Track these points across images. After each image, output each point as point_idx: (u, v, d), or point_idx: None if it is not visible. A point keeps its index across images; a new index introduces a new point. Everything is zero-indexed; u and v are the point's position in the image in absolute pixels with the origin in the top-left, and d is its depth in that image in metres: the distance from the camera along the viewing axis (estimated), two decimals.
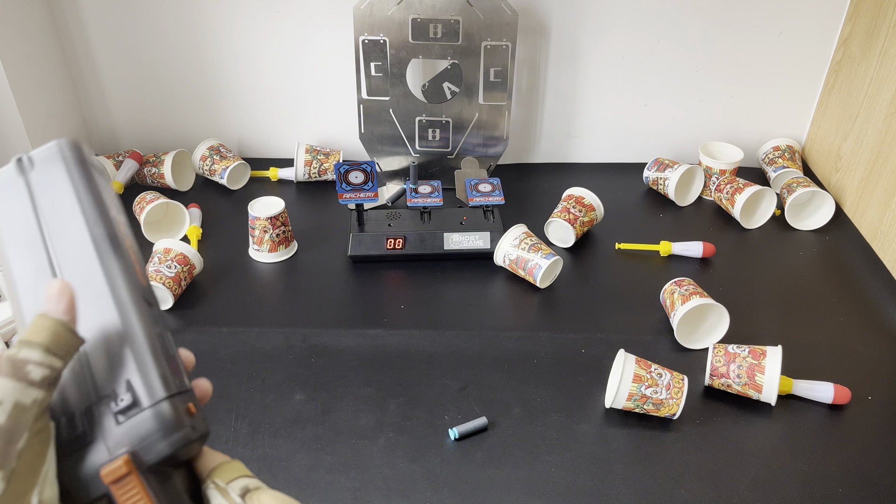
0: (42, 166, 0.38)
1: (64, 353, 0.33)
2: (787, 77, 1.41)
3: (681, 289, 1.04)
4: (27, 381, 0.32)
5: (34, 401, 0.32)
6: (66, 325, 0.34)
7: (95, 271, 0.36)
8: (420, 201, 1.19)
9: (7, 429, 0.31)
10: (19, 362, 0.32)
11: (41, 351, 0.33)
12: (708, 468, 0.85)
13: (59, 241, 0.37)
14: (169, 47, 1.38)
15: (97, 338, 0.35)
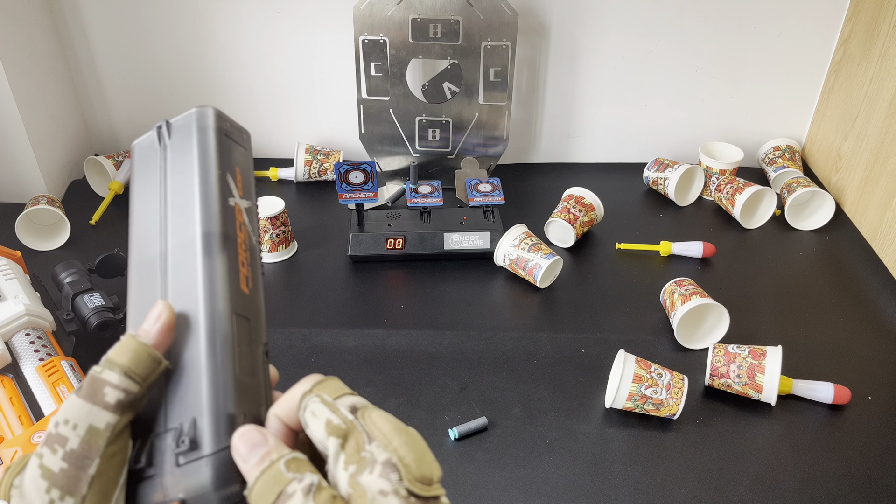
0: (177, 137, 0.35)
1: (142, 378, 0.33)
2: (787, 77, 1.41)
3: (681, 289, 1.04)
4: (102, 405, 0.32)
5: (107, 425, 0.32)
6: (150, 350, 0.33)
7: (193, 274, 0.33)
8: (420, 201, 1.19)
9: (79, 455, 0.31)
10: (98, 383, 0.32)
11: (119, 374, 0.32)
12: (708, 468, 0.85)
13: (178, 231, 0.33)
14: (169, 47, 1.38)
15: (181, 354, 0.33)
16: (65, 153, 1.40)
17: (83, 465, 0.31)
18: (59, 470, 0.31)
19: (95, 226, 1.28)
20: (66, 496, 0.31)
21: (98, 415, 0.32)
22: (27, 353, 0.87)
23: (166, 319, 0.33)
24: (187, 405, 0.32)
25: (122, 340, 0.33)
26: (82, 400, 0.32)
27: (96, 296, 0.98)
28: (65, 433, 0.32)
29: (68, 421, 0.32)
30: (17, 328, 0.90)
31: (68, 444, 0.31)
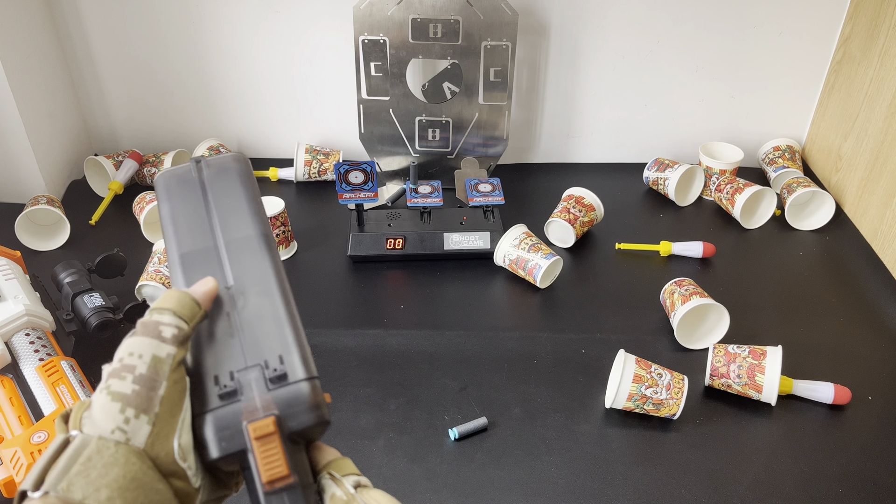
0: (217, 170, 0.45)
1: (189, 317, 0.38)
2: (787, 77, 1.41)
3: (681, 289, 1.04)
4: (161, 338, 0.37)
5: (168, 354, 0.36)
6: (191, 295, 0.39)
7: (262, 260, 0.42)
8: (420, 201, 1.19)
9: (148, 378, 0.36)
10: (152, 324, 0.37)
11: (170, 314, 0.37)
12: (708, 468, 0.85)
13: (230, 231, 0.42)
14: (169, 47, 1.38)
15: (254, 312, 0.40)
16: (65, 153, 1.40)
17: (153, 386, 0.36)
18: (131, 392, 0.35)
19: (95, 226, 1.28)
20: (140, 413, 0.35)
21: (159, 346, 0.36)
22: (27, 353, 0.87)
23: (212, 287, 0.40)
24: (268, 347, 0.38)
25: (165, 294, 0.39)
26: (142, 336, 0.37)
27: (96, 296, 0.98)
28: (132, 362, 0.36)
29: (133, 353, 0.36)
30: (16, 328, 0.90)
31: (137, 370, 0.36)
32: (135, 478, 0.34)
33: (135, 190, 1.36)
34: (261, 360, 0.38)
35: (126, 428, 0.35)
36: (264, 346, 0.39)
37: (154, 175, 1.37)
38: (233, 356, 0.39)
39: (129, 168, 1.36)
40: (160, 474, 0.35)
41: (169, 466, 0.36)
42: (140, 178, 1.39)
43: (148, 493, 0.34)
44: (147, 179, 1.38)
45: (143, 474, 0.34)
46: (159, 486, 0.35)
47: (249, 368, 0.38)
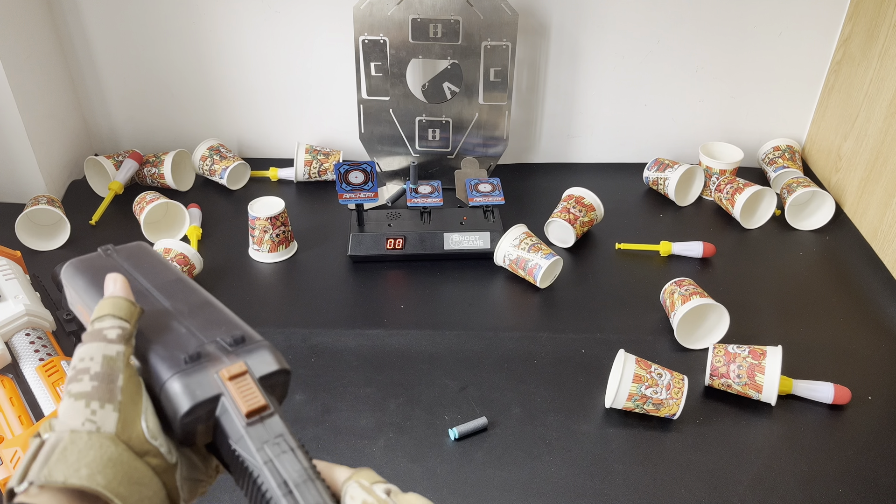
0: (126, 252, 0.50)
1: (127, 315, 0.40)
2: (787, 77, 1.41)
3: (681, 289, 1.04)
4: (107, 340, 0.39)
5: (118, 352, 0.39)
6: (122, 297, 0.41)
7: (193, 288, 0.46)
8: (420, 201, 1.19)
9: (104, 373, 0.38)
10: (95, 331, 0.40)
11: (109, 318, 0.40)
12: (708, 468, 0.85)
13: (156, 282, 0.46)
14: (169, 47, 1.38)
15: (192, 309, 0.44)
16: (65, 153, 1.40)
17: (111, 379, 0.38)
18: (91, 388, 0.38)
19: (95, 226, 1.28)
20: (105, 403, 0.37)
21: (108, 347, 0.39)
22: (27, 353, 0.87)
23: (122, 279, 0.43)
24: (218, 328, 0.42)
25: (99, 304, 0.41)
26: (89, 343, 0.39)
27: None
28: (85, 366, 0.38)
29: (84, 358, 0.39)
30: (17, 328, 0.90)
31: (91, 370, 0.38)
32: (111, 458, 0.36)
33: (135, 190, 1.36)
34: (215, 338, 0.41)
35: (94, 418, 0.37)
36: (213, 328, 0.42)
37: (154, 175, 1.37)
38: (188, 341, 0.41)
39: (130, 168, 1.36)
40: (135, 454, 0.37)
41: (142, 446, 0.38)
42: (140, 178, 1.39)
43: (127, 471, 0.36)
44: (147, 179, 1.38)
45: (118, 455, 0.36)
46: (136, 464, 0.37)
47: (206, 343, 0.41)
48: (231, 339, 0.41)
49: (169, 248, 1.10)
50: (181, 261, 1.09)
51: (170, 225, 1.27)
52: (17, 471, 0.36)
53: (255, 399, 0.38)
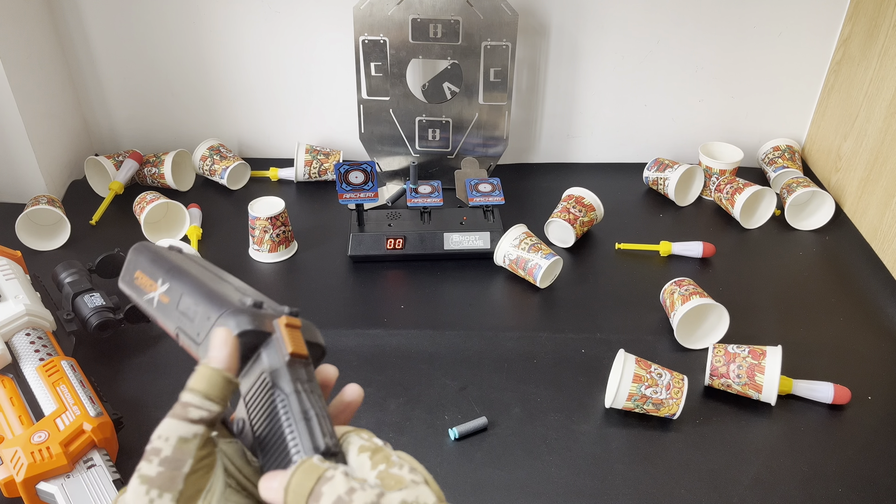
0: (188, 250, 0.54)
1: (220, 398, 0.41)
2: (787, 77, 1.41)
3: (681, 289, 1.04)
4: (188, 420, 0.39)
5: (195, 435, 0.39)
6: (223, 374, 0.41)
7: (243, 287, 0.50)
8: (420, 201, 1.19)
9: (173, 458, 0.38)
10: (181, 406, 0.40)
11: (200, 397, 0.40)
12: (708, 468, 0.85)
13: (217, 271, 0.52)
14: (169, 47, 1.38)
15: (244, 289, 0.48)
16: (65, 153, 1.40)
17: (177, 466, 0.38)
18: (156, 474, 0.38)
19: (95, 226, 1.28)
20: (163, 493, 0.38)
21: (185, 428, 0.39)
22: (27, 353, 0.87)
23: (233, 345, 0.42)
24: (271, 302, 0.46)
25: (199, 369, 0.41)
26: (171, 419, 0.39)
27: (96, 296, 0.98)
28: (158, 445, 0.39)
29: (160, 436, 0.39)
30: (17, 328, 0.90)
31: (162, 452, 0.38)
32: None
33: (135, 190, 1.36)
34: (271, 303, 0.46)
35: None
36: (266, 300, 0.46)
37: (154, 175, 1.37)
38: (245, 292, 0.47)
39: (130, 168, 1.36)
40: None
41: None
42: (140, 178, 1.39)
43: None
44: (147, 179, 1.38)
45: None
46: None
47: (265, 302, 0.45)
48: (288, 310, 0.45)
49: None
50: None
51: (170, 225, 1.27)
52: None
53: (301, 346, 0.43)
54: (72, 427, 0.77)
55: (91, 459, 0.77)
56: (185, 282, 0.47)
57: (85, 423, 0.78)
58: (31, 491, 0.74)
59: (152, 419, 0.90)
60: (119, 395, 0.93)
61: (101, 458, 0.78)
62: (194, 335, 0.45)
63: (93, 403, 0.81)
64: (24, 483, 0.73)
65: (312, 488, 0.36)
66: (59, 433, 0.76)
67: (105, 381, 0.95)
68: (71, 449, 0.76)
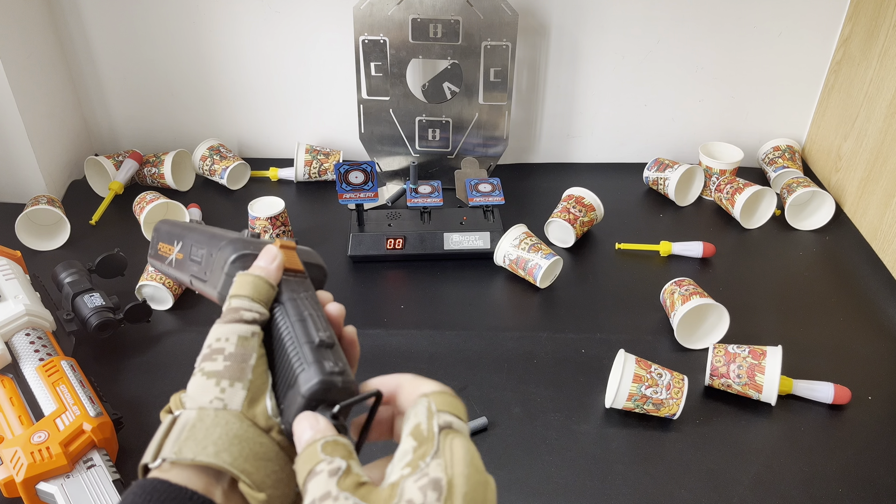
0: None
1: (265, 301, 0.43)
2: (787, 77, 1.41)
3: (681, 289, 1.04)
4: (244, 321, 0.42)
5: (252, 333, 0.41)
6: (264, 279, 0.43)
7: None
8: (420, 201, 1.19)
9: (238, 353, 0.40)
10: (233, 310, 0.42)
11: (248, 300, 0.42)
12: (708, 468, 0.85)
13: None
14: (169, 47, 1.38)
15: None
16: (65, 153, 1.40)
17: (244, 359, 0.40)
18: (223, 367, 0.40)
19: (95, 226, 1.28)
20: (234, 382, 0.39)
21: (243, 328, 0.41)
22: (27, 353, 0.87)
23: (280, 259, 0.45)
24: None
25: (238, 279, 0.43)
26: (224, 324, 0.41)
27: (96, 296, 0.98)
28: (220, 346, 0.41)
29: (219, 338, 0.41)
30: (17, 328, 0.90)
31: (226, 350, 0.40)
32: (237, 434, 0.38)
33: (135, 190, 1.36)
34: None
35: (223, 396, 0.39)
36: None
37: (154, 175, 1.37)
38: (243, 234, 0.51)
39: (130, 168, 1.36)
40: (261, 430, 0.39)
41: (267, 422, 0.39)
42: (140, 178, 1.39)
43: (252, 446, 0.38)
44: (147, 179, 1.38)
45: (243, 431, 0.38)
46: (262, 439, 0.39)
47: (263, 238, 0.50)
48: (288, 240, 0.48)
49: None
50: None
51: None
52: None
53: (295, 262, 0.46)
54: (71, 427, 0.77)
55: (91, 459, 0.77)
56: (193, 234, 0.51)
57: (85, 423, 0.78)
58: (31, 491, 0.74)
59: (152, 419, 0.90)
60: (119, 395, 0.93)
61: (100, 458, 0.78)
62: (202, 275, 0.48)
63: (92, 403, 0.81)
64: (24, 483, 0.73)
65: (305, 478, 0.36)
66: (59, 433, 0.76)
67: (105, 381, 0.95)
68: (71, 449, 0.76)
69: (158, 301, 1.09)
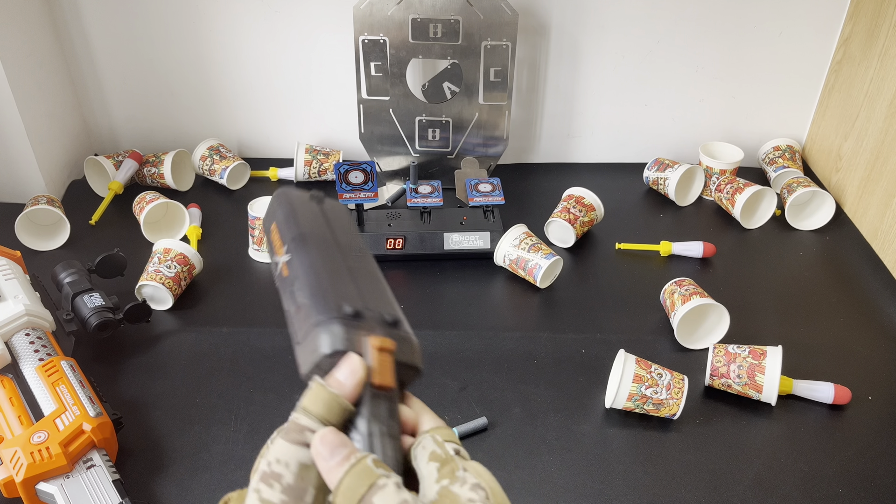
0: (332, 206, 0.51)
1: (337, 421, 0.38)
2: (787, 77, 1.41)
3: (681, 289, 1.04)
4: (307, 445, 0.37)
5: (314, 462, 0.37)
6: (340, 400, 0.38)
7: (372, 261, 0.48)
8: (420, 201, 1.19)
9: (296, 487, 0.36)
10: (297, 428, 0.37)
11: (317, 421, 0.37)
12: (708, 468, 0.85)
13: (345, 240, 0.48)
14: (169, 47, 1.38)
15: (366, 271, 0.46)
16: (65, 153, 1.40)
17: (301, 495, 0.36)
18: (279, 501, 0.36)
19: (95, 226, 1.28)
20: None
21: (305, 453, 0.37)
22: (27, 353, 0.87)
23: (361, 377, 0.39)
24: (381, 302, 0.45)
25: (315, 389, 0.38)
26: (289, 443, 0.37)
27: (96, 296, 0.98)
28: (279, 470, 0.36)
29: (280, 460, 0.37)
30: (16, 328, 0.90)
31: (283, 479, 0.36)
32: None
33: (135, 190, 1.36)
34: (378, 308, 0.43)
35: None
36: (378, 299, 0.44)
37: (154, 175, 1.37)
38: (353, 297, 0.43)
39: (129, 168, 1.36)
40: None
41: None
42: (140, 178, 1.39)
43: None
44: (147, 179, 1.38)
45: None
46: None
47: (369, 309, 0.42)
48: (391, 318, 0.43)
49: (169, 248, 1.10)
50: (181, 261, 1.09)
51: (170, 225, 1.27)
52: None
53: (388, 376, 0.39)
54: (71, 427, 0.77)
55: (91, 460, 0.77)
56: (304, 262, 0.44)
57: (84, 423, 0.78)
58: (31, 491, 0.74)
59: (152, 419, 0.90)
60: (119, 395, 0.93)
61: (100, 458, 0.78)
62: (295, 330, 0.42)
63: (92, 404, 0.81)
64: (24, 483, 0.73)
65: (364, 495, 0.35)
66: (59, 433, 0.76)
67: (105, 381, 0.95)
68: (70, 449, 0.76)
69: (158, 301, 1.09)
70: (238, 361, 0.99)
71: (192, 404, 0.93)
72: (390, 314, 0.43)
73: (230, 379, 0.96)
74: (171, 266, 1.08)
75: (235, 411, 0.92)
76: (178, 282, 1.08)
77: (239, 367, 0.98)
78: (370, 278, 0.45)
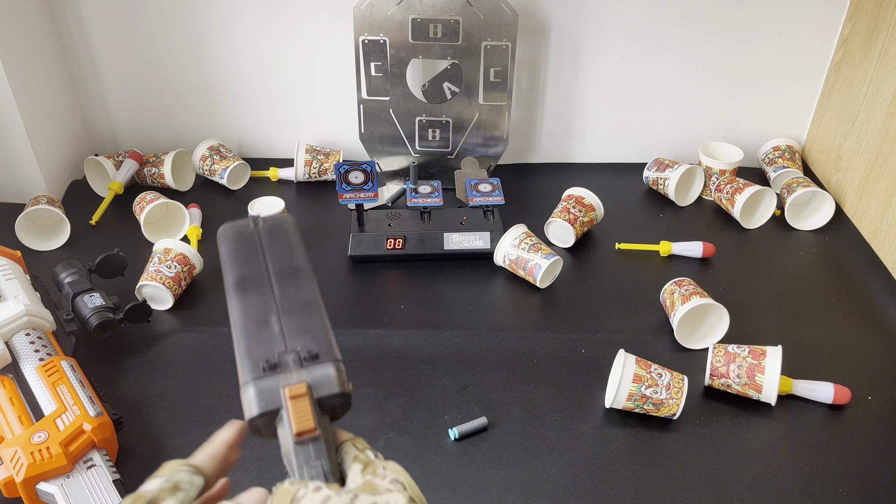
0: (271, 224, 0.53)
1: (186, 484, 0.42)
2: (787, 77, 1.41)
3: (681, 289, 1.04)
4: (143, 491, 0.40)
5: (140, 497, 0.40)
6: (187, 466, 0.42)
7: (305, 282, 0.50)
8: (420, 201, 1.19)
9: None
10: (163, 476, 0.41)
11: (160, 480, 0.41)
12: (708, 468, 0.85)
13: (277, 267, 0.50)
14: (169, 47, 1.38)
15: (297, 306, 0.48)
16: (65, 153, 1.40)
17: None
18: None
19: (95, 226, 1.28)
20: None
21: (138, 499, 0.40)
22: (27, 353, 0.87)
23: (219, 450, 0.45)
24: (303, 336, 0.46)
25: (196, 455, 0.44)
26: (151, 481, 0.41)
27: (96, 296, 0.98)
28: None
29: None
30: (17, 328, 0.90)
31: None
32: None
33: (135, 190, 1.36)
34: (297, 347, 0.46)
35: None
36: (300, 334, 0.46)
37: (154, 175, 1.37)
38: (274, 344, 0.46)
39: (130, 168, 1.36)
40: None
41: None
42: (140, 178, 1.39)
43: None
44: (147, 179, 1.38)
45: None
46: None
47: (287, 353, 0.45)
48: (307, 354, 0.45)
49: (169, 248, 1.10)
50: (181, 261, 1.09)
51: (170, 225, 1.27)
52: None
53: (306, 422, 0.43)
54: (71, 427, 0.77)
55: (91, 459, 0.77)
56: (235, 314, 0.48)
57: (85, 423, 0.78)
58: (31, 491, 0.74)
59: (152, 419, 0.90)
60: (119, 395, 0.93)
61: (100, 458, 0.78)
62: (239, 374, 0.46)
63: (92, 403, 0.81)
64: (24, 483, 0.73)
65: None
66: (59, 433, 0.76)
67: (105, 381, 0.95)
68: (71, 449, 0.76)
69: (158, 301, 1.09)
70: None
71: (192, 404, 0.93)
72: (308, 349, 0.45)
73: (230, 379, 0.96)
74: (171, 266, 1.08)
75: (235, 411, 0.92)
76: (179, 282, 1.08)
77: None
78: (299, 305, 0.48)
